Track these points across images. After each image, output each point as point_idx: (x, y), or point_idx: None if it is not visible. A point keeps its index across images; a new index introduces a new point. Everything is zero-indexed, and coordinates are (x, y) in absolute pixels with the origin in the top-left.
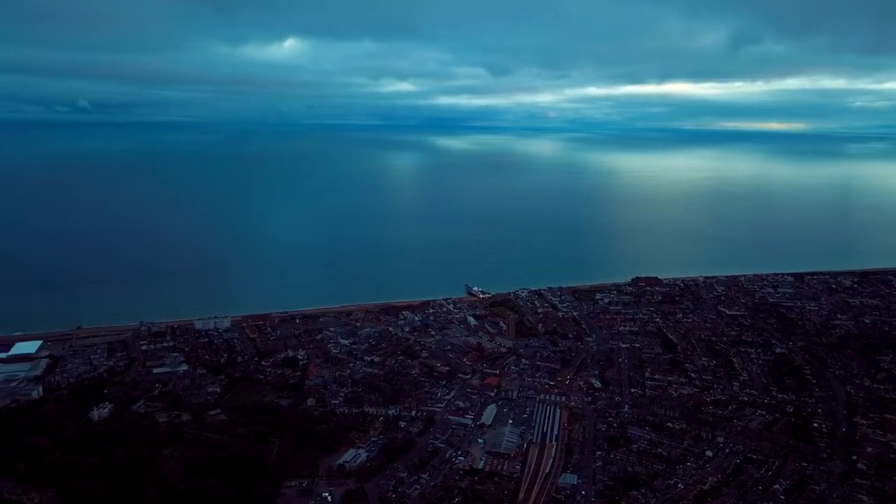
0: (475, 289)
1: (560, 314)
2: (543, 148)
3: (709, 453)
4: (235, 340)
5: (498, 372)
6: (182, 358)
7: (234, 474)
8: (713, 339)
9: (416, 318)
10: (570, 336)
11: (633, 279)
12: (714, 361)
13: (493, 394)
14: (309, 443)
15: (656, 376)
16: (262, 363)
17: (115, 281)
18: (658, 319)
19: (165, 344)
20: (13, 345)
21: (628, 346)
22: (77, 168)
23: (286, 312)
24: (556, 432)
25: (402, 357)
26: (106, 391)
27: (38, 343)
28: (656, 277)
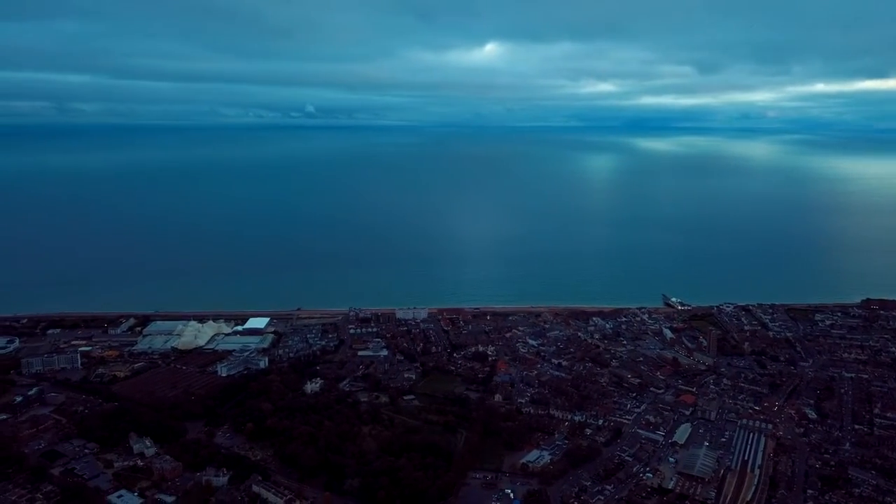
0: (673, 299)
1: (770, 334)
2: (758, 151)
3: None
4: (431, 331)
5: (695, 390)
6: (383, 344)
7: (425, 458)
8: None
9: (608, 325)
10: (782, 359)
11: (863, 300)
12: None
13: (687, 412)
14: (494, 437)
15: (888, 414)
16: (454, 355)
17: (330, 268)
18: (894, 349)
19: (370, 329)
20: (248, 320)
21: (853, 375)
22: (306, 165)
23: (478, 308)
24: (758, 462)
25: (590, 363)
26: (318, 368)
27: (266, 320)
28: (893, 300)
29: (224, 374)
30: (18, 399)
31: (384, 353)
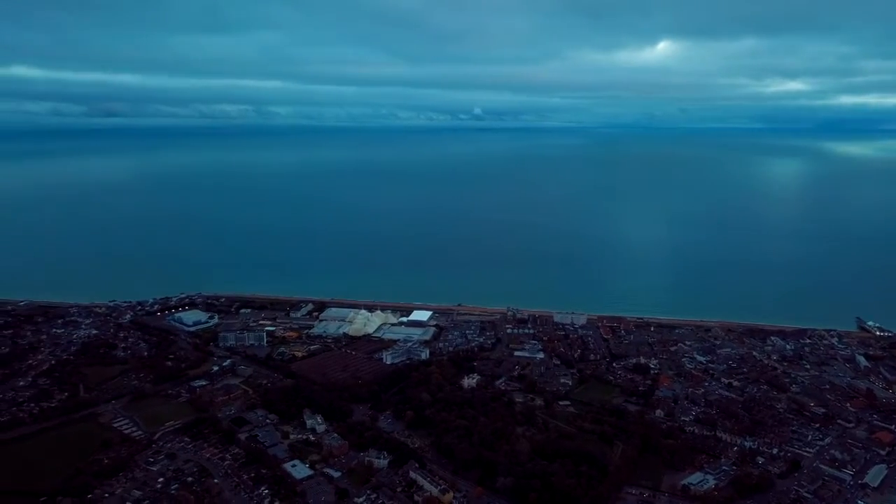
0: (870, 324)
1: None
2: None
3: None
4: (590, 338)
5: (893, 427)
6: (540, 346)
7: (578, 466)
8: None
9: (788, 347)
10: None
11: None
12: None
13: (883, 452)
14: (652, 454)
15: None
16: (614, 365)
17: (490, 266)
18: None
19: (527, 330)
20: (412, 312)
21: None
22: (472, 166)
23: (641, 318)
24: None
25: (765, 386)
26: (475, 364)
27: (428, 313)
28: None
29: (388, 362)
30: (215, 369)
31: (540, 355)
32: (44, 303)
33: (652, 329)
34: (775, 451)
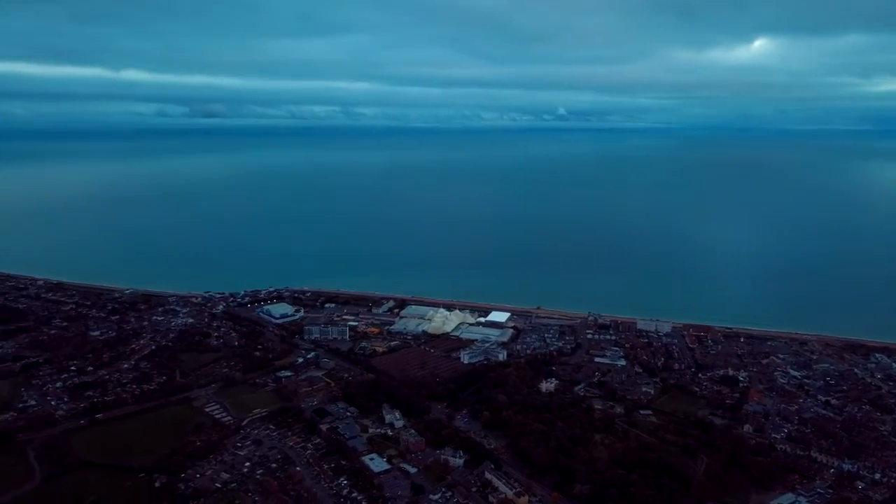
0: None
1: None
2: None
3: None
4: (674, 346)
5: None
6: (621, 353)
7: (659, 478)
8: None
9: (894, 365)
10: None
11: None
12: None
13: None
14: (739, 471)
15: None
16: (699, 375)
17: (571, 269)
18: None
19: (608, 336)
20: (490, 313)
21: None
22: (555, 167)
23: (730, 328)
24: None
25: (867, 406)
26: (553, 368)
27: (507, 314)
28: None
29: (466, 362)
30: (299, 360)
31: (622, 362)
32: (146, 291)
33: (742, 340)
34: (877, 476)
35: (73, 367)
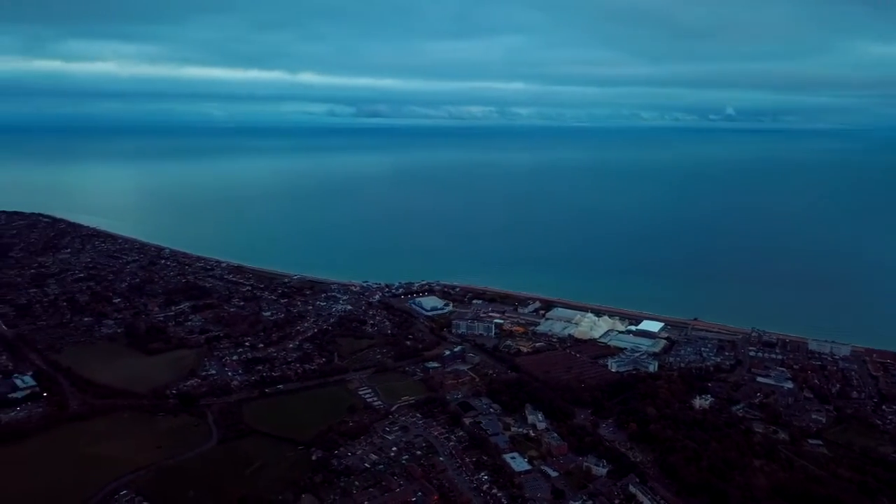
0: None
1: None
2: None
3: None
4: (853, 373)
5: None
6: (788, 374)
7: None
8: None
9: None
10: None
11: None
12: None
13: None
14: None
15: None
16: (883, 407)
17: (733, 281)
18: None
19: (774, 355)
20: (641, 321)
21: None
22: (720, 170)
23: None
24: None
25: None
26: (709, 384)
27: (660, 324)
28: None
29: (614, 370)
30: (447, 353)
31: (789, 385)
32: (312, 278)
33: None
34: None
35: (247, 343)
